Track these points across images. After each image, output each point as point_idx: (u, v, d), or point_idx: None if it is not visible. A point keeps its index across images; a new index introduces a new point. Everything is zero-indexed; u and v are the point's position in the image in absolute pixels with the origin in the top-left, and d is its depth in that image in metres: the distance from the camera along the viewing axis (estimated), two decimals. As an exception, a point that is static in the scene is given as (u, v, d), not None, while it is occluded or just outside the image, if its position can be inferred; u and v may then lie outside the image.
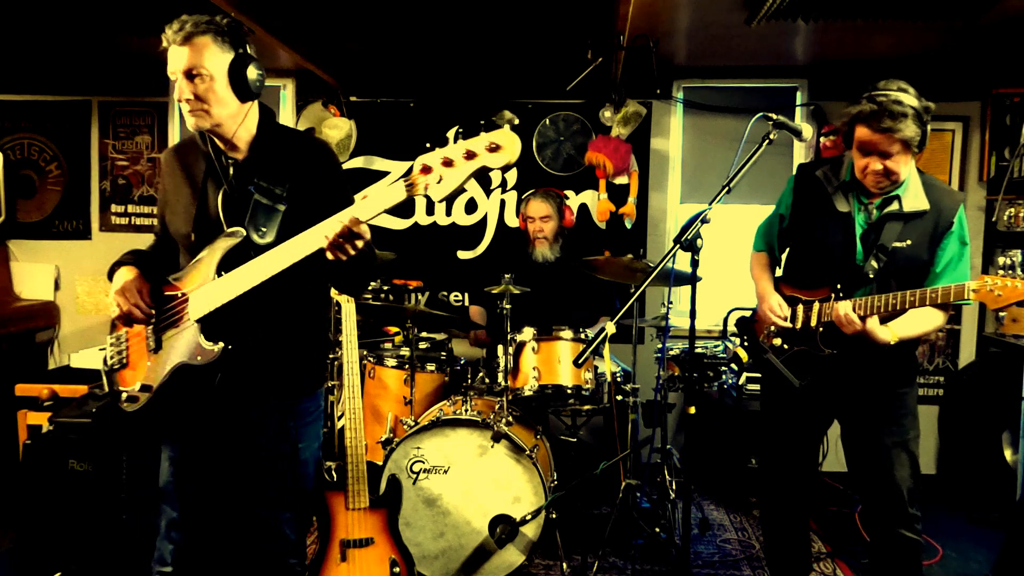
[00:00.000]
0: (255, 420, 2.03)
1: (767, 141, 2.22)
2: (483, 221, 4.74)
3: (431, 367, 3.62)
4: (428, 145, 4.61)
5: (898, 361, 2.40)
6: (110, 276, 2.05)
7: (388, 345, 3.93)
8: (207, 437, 2.05)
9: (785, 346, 2.47)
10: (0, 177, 4.68)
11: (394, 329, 4.06)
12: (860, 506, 3.73)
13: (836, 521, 3.76)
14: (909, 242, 2.30)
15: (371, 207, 1.74)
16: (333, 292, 2.51)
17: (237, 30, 1.93)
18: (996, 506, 3.84)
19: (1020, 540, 2.99)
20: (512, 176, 4.71)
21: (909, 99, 2.19)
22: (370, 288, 4.00)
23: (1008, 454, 3.92)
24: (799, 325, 2.44)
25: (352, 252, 1.76)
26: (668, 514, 3.44)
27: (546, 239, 3.96)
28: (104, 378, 2.11)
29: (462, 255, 4.78)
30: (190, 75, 1.86)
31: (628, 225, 4.67)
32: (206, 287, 1.91)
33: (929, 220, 2.30)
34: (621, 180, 4.64)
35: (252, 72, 1.92)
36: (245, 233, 1.91)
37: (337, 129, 4.65)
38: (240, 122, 1.95)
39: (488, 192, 4.73)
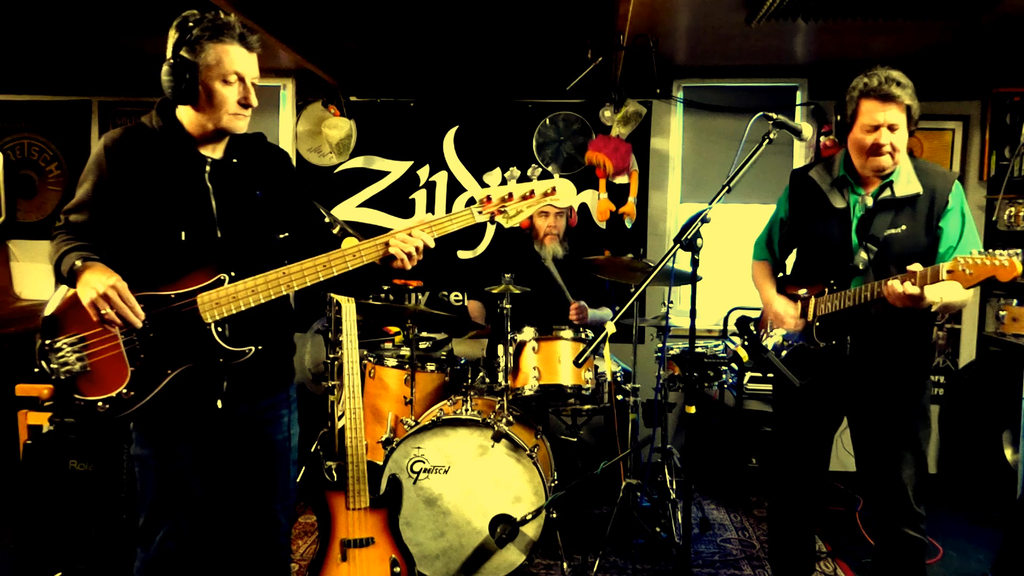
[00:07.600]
0: (261, 415, 2.07)
1: (767, 140, 2.22)
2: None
3: (431, 367, 3.62)
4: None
5: (909, 356, 2.38)
6: (71, 277, 1.85)
7: (388, 345, 3.93)
8: (209, 439, 2.03)
9: (786, 342, 2.47)
10: (0, 177, 4.68)
11: (394, 329, 4.06)
12: (860, 506, 3.74)
13: (836, 521, 3.75)
14: (903, 228, 2.30)
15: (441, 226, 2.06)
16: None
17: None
18: (996, 505, 3.84)
19: (1020, 539, 2.99)
20: (511, 175, 4.69)
21: (903, 77, 2.27)
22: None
23: (1008, 453, 3.93)
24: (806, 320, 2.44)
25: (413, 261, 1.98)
26: (668, 513, 3.43)
27: (557, 236, 3.95)
28: (58, 387, 1.90)
29: (462, 255, 4.78)
30: (244, 82, 1.93)
31: (628, 225, 4.67)
32: (223, 290, 1.88)
33: (923, 203, 2.30)
34: (621, 180, 4.64)
35: None
36: (245, 236, 1.97)
37: (337, 129, 4.65)
38: None
39: (488, 192, 4.72)
